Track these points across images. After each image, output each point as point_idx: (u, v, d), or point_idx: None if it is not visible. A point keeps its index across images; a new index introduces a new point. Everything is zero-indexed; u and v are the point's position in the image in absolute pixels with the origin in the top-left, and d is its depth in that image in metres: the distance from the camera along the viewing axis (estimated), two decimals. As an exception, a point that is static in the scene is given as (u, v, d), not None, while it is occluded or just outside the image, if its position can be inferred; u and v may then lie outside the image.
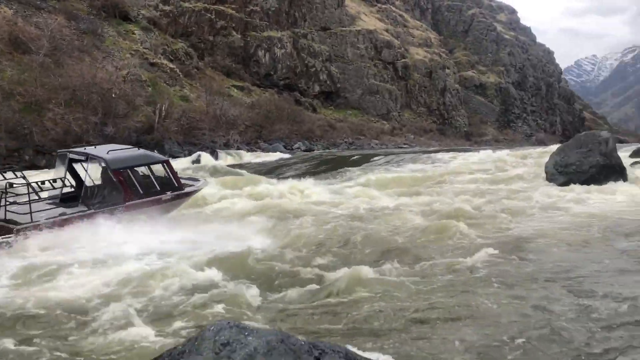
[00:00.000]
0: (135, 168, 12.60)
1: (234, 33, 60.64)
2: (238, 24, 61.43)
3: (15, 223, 10.32)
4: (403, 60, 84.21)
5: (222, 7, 59.77)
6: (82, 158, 12.53)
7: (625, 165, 19.07)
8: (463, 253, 8.84)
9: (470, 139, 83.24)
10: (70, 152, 13.11)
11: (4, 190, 10.47)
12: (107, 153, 12.28)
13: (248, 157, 34.59)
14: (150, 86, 39.98)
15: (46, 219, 10.77)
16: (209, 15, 58.19)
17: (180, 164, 28.01)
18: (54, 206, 11.70)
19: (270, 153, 37.34)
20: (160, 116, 34.98)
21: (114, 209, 11.61)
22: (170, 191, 12.98)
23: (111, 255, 9.18)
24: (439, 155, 30.18)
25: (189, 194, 13.70)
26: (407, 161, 28.95)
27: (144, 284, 7.66)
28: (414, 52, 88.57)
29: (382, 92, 77.76)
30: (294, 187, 18.14)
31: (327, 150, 46.62)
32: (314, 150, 45.81)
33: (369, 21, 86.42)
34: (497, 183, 19.25)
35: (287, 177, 22.55)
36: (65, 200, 12.33)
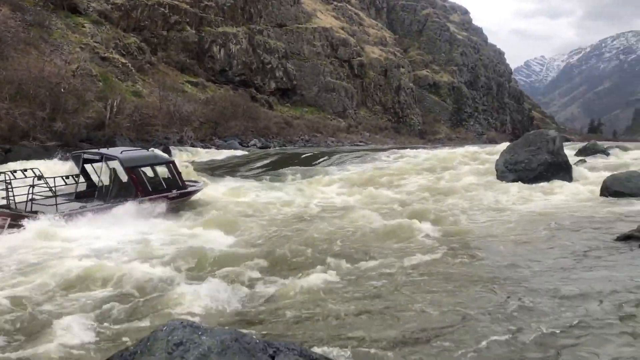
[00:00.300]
0: (145, 167, 13.66)
1: (188, 28, 59.73)
2: (192, 18, 60.54)
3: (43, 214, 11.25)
4: (359, 58, 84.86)
5: (176, 2, 58.78)
6: (97, 158, 13.63)
7: (571, 163, 19.78)
8: (405, 253, 8.71)
9: (424, 137, 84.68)
10: (85, 152, 14.32)
11: (32, 185, 11.54)
12: (121, 153, 13.51)
13: (202, 154, 34.09)
14: (101, 81, 38.95)
15: (70, 210, 11.77)
16: (163, 9, 57.09)
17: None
18: (73, 201, 12.92)
19: (225, 150, 36.93)
20: (111, 112, 34.12)
21: (126, 203, 12.64)
22: (175, 189, 14.14)
23: (52, 255, 8.90)
24: (391, 153, 30.42)
25: (191, 193, 14.91)
26: (359, 159, 29.06)
27: (85, 284, 7.41)
28: (369, 51, 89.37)
29: (339, 90, 78.17)
30: (239, 187, 17.97)
31: (283, 148, 46.51)
32: (270, 148, 45.65)
33: (325, 19, 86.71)
34: (448, 181, 19.54)
35: (236, 176, 22.23)
36: (79, 196, 13.43)
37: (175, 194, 13.98)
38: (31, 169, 12.25)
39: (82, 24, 46.68)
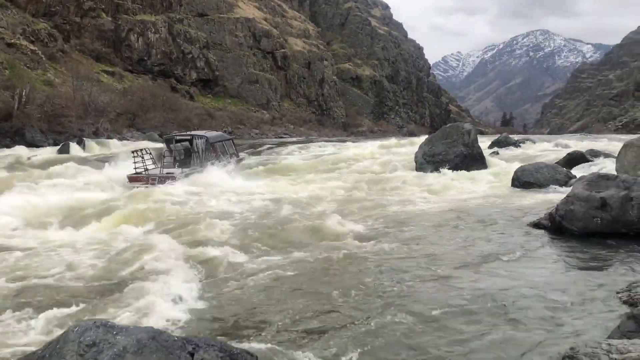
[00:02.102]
0: (219, 142, 19.78)
1: (104, 15, 57.24)
2: (108, 5, 58.07)
3: (172, 174, 16.46)
4: (282, 50, 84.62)
5: (90, -13, 56.07)
6: (188, 137, 19.26)
7: (485, 155, 20.66)
8: (317, 249, 8.52)
9: (347, 130, 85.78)
10: (176, 135, 20.19)
11: (163, 155, 17.99)
12: (205, 133, 19.55)
13: (119, 146, 32.67)
14: (7, 69, 36.59)
15: (188, 171, 16.99)
16: (75, -6, 54.28)
17: (46, 154, 25.90)
18: (181, 167, 17.61)
19: (143, 142, 35.43)
20: (20, 102, 32.14)
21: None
22: (235, 158, 20.52)
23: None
24: (303, 146, 30.33)
25: (241, 160, 21.52)
26: (276, 153, 28.87)
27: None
28: (292, 43, 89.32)
29: (262, 82, 77.65)
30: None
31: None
32: (191, 140, 44.47)
33: (247, 9, 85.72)
34: (366, 171, 19.83)
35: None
36: (178, 165, 18.02)
37: (236, 160, 20.11)
38: (145, 148, 17.99)
39: (-16, 6, 43.60)
